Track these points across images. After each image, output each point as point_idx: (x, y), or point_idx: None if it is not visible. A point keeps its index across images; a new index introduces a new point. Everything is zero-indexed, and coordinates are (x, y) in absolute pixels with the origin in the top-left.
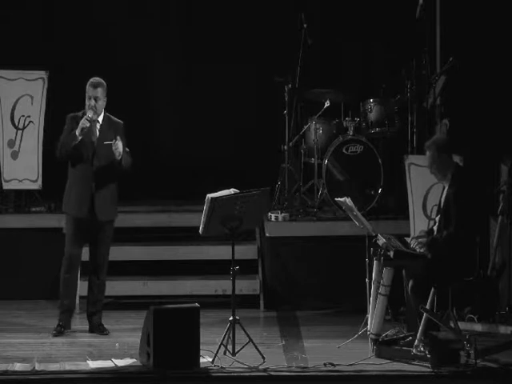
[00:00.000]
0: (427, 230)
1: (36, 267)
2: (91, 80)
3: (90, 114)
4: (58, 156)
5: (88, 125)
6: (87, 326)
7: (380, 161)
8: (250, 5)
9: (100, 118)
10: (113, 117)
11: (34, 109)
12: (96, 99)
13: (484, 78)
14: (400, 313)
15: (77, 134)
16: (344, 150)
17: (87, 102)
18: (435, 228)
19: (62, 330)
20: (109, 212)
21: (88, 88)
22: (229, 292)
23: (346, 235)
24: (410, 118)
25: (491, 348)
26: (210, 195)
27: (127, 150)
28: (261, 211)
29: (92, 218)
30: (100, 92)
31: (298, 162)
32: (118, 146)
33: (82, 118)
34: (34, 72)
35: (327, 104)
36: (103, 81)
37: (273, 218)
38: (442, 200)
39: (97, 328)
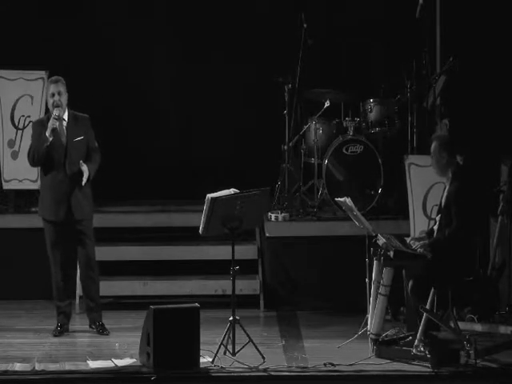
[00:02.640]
0: (427, 231)
1: (36, 267)
2: (49, 79)
3: (56, 112)
4: (31, 163)
5: (57, 124)
6: (87, 326)
7: (380, 161)
8: (250, 5)
9: (65, 116)
10: (77, 112)
11: (34, 109)
12: (59, 94)
13: (484, 78)
14: (400, 313)
15: (47, 135)
16: (344, 150)
17: (51, 101)
18: (435, 228)
19: (61, 330)
20: (85, 210)
21: (48, 86)
22: (229, 292)
23: (346, 235)
24: (409, 118)
25: (491, 348)
26: (209, 195)
27: (96, 144)
28: (261, 211)
29: (69, 219)
30: (61, 86)
31: (298, 161)
32: (85, 173)
33: (47, 121)
34: (34, 72)
35: (327, 104)
36: (61, 77)
37: (273, 218)
38: (443, 199)
39: (97, 327)
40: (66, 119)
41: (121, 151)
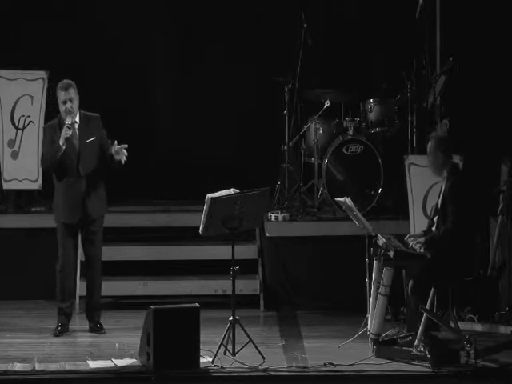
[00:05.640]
0: (425, 230)
1: (36, 267)
2: (60, 84)
3: (68, 120)
4: (45, 169)
5: (71, 133)
6: (87, 326)
7: (380, 161)
8: (250, 4)
9: (77, 118)
10: (88, 112)
11: (34, 109)
12: (71, 100)
13: (484, 78)
14: (400, 313)
15: (61, 143)
16: (344, 150)
17: (62, 108)
18: (433, 229)
19: (61, 330)
20: (100, 208)
21: (59, 93)
22: (229, 292)
23: (346, 235)
24: (410, 118)
25: (491, 348)
26: (209, 195)
27: (109, 141)
28: (261, 211)
29: (85, 219)
30: (73, 92)
31: (298, 161)
32: (123, 151)
33: (58, 125)
34: (34, 72)
35: (327, 104)
36: (71, 81)
37: (273, 218)
38: (440, 200)
39: (94, 326)
40: (78, 121)
41: None
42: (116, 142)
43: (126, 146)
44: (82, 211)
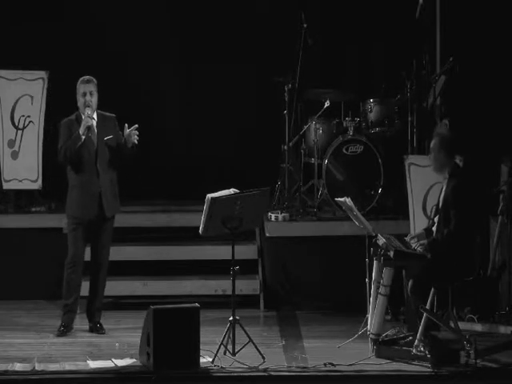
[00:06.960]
0: (425, 228)
1: (36, 267)
2: (81, 78)
3: (88, 111)
4: (62, 161)
5: (91, 123)
6: (87, 326)
7: (380, 161)
8: (250, 5)
9: (94, 116)
10: (104, 112)
11: (34, 109)
12: (91, 94)
13: (484, 78)
14: (400, 313)
15: (81, 133)
16: (344, 150)
17: (82, 100)
18: (434, 229)
19: (64, 331)
20: (114, 207)
21: (80, 86)
22: (229, 292)
23: (346, 235)
24: (410, 118)
25: (491, 348)
26: (209, 195)
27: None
28: (261, 211)
29: (100, 217)
30: (92, 86)
31: (298, 161)
32: (134, 131)
33: (76, 121)
34: (34, 72)
35: (327, 104)
36: (92, 77)
37: (273, 218)
38: (441, 200)
39: (94, 325)
40: (96, 119)
41: None
42: (126, 125)
43: (137, 125)
44: (97, 209)
